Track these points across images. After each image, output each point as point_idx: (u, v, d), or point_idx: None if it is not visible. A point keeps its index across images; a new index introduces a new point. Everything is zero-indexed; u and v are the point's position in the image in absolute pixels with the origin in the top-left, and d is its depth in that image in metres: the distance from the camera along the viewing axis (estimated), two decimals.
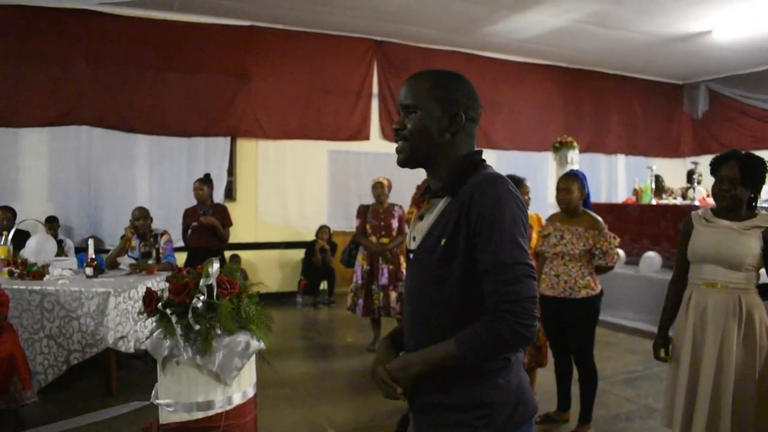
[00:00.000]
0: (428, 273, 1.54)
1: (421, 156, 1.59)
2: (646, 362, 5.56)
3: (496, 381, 1.49)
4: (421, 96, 1.56)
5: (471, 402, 1.49)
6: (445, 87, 1.56)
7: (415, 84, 1.59)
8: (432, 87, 1.56)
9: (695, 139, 12.88)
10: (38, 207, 7.53)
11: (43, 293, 4.49)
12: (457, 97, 1.55)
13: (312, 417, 4.37)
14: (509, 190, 1.45)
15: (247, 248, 8.73)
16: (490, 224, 1.41)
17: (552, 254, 3.89)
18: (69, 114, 7.80)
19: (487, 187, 1.45)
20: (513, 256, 1.39)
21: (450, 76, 1.59)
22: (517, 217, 1.43)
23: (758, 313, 2.79)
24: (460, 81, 1.59)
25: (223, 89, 8.62)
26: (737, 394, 2.74)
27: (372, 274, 5.99)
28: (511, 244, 1.40)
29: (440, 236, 1.50)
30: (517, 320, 1.36)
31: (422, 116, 1.55)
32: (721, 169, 2.81)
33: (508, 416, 1.49)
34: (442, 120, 1.54)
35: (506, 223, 1.41)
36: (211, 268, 2.09)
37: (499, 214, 1.41)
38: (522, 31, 9.20)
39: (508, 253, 1.39)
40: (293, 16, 8.51)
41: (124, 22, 8.02)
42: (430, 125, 1.55)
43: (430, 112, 1.55)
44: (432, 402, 1.54)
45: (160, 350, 2.06)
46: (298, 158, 9.20)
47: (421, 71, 1.62)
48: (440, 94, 1.55)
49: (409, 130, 1.57)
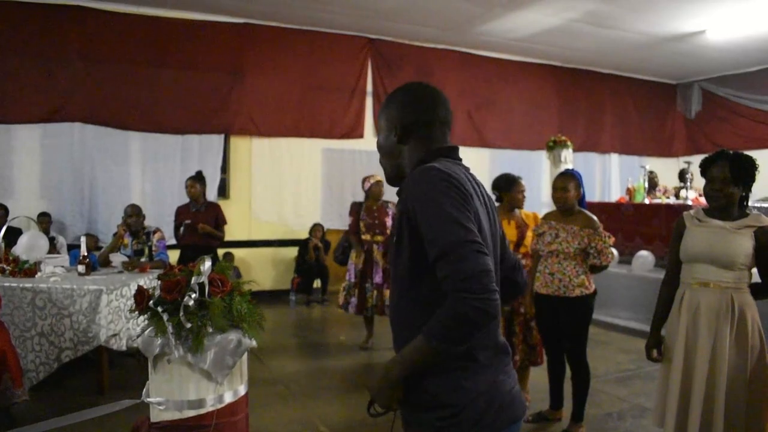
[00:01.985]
0: (393, 271, 1.62)
1: (390, 170, 1.75)
2: (639, 361, 5.58)
3: (459, 382, 1.48)
4: (379, 118, 1.74)
5: (433, 402, 1.50)
6: (390, 103, 1.71)
7: (380, 110, 1.77)
8: (383, 108, 1.73)
9: (688, 138, 12.93)
10: (30, 204, 7.49)
11: (35, 291, 4.47)
12: (397, 110, 1.68)
13: (305, 415, 4.37)
14: (435, 175, 1.47)
15: (241, 246, 8.72)
16: (425, 213, 1.43)
17: (547, 252, 3.90)
18: (61, 110, 7.76)
19: (415, 179, 1.50)
20: (455, 237, 1.38)
21: (396, 92, 1.72)
22: (451, 196, 1.44)
23: (750, 313, 2.80)
24: (402, 93, 1.71)
25: (217, 86, 8.59)
26: (730, 394, 2.74)
27: (366, 273, 5.98)
28: (449, 224, 1.40)
29: (392, 234, 1.61)
30: (474, 296, 1.33)
31: (380, 136, 1.75)
32: (712, 169, 2.82)
33: (477, 420, 1.47)
34: (390, 135, 1.69)
35: (440, 206, 1.42)
36: (202, 266, 2.08)
37: (430, 201, 1.44)
38: (516, 29, 9.21)
39: (449, 235, 1.39)
40: (287, 13, 8.49)
41: (117, 18, 7.98)
42: (386, 143, 1.72)
43: (383, 130, 1.73)
44: (410, 399, 1.55)
45: (152, 348, 2.05)
46: (292, 156, 9.18)
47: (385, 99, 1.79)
48: (387, 112, 1.71)
49: (379, 150, 1.76)
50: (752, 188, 2.85)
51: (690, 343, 2.88)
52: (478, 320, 1.35)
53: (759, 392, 2.78)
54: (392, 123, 1.68)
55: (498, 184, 4.37)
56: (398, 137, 1.67)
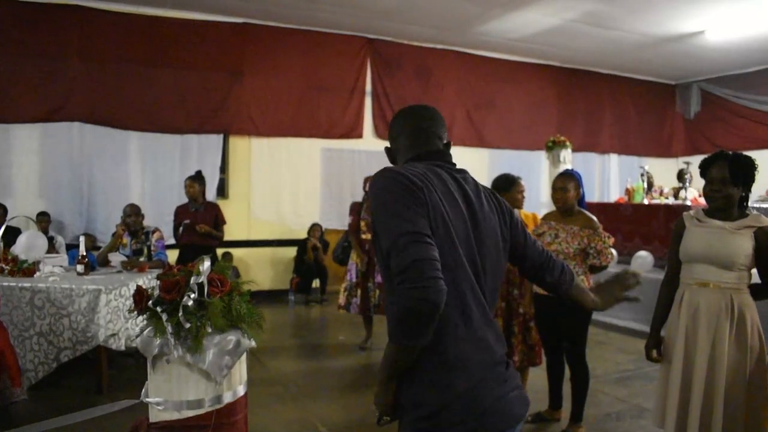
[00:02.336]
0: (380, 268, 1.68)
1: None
2: (638, 362, 5.58)
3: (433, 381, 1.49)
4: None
5: (411, 402, 1.52)
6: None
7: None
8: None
9: (687, 139, 12.93)
10: (29, 203, 7.49)
11: (34, 290, 4.46)
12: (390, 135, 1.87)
13: (304, 415, 4.36)
14: (383, 174, 1.56)
15: (240, 246, 8.72)
16: (375, 210, 1.52)
17: None
18: (61, 110, 7.75)
19: (371, 183, 1.59)
20: (394, 230, 1.42)
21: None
22: (391, 190, 1.49)
23: (750, 313, 2.80)
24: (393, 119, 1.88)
25: (216, 86, 8.59)
26: (729, 394, 2.74)
27: (368, 272, 5.92)
28: (388, 218, 1.45)
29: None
30: (411, 285, 1.34)
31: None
32: (711, 170, 2.82)
33: (454, 423, 1.47)
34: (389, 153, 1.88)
35: (381, 201, 1.49)
36: (202, 266, 2.08)
37: (375, 197, 1.53)
38: (515, 30, 9.21)
39: (389, 232, 1.43)
40: (287, 13, 8.49)
41: (116, 18, 7.98)
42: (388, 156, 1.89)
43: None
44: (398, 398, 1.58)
45: (151, 348, 2.04)
46: (292, 156, 9.18)
47: None
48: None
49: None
50: (752, 188, 2.85)
51: (689, 344, 2.88)
52: (422, 308, 1.34)
53: (758, 393, 2.78)
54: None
55: (497, 185, 4.36)
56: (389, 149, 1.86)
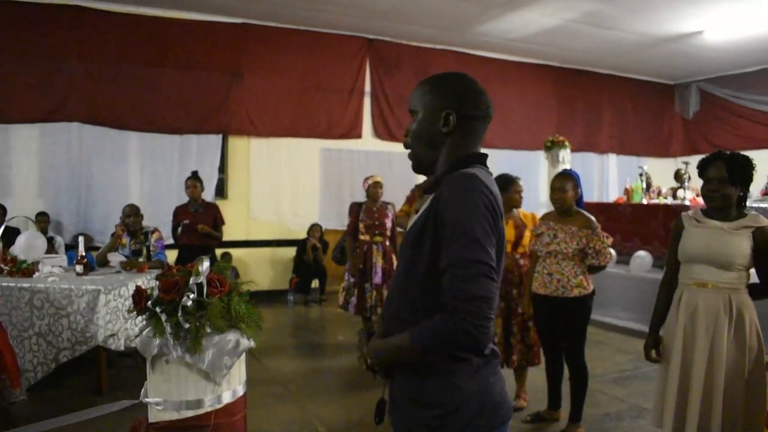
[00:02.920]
0: (404, 265, 1.58)
1: (425, 159, 1.64)
2: (637, 362, 5.59)
3: (453, 382, 1.48)
4: (420, 100, 1.61)
5: (431, 400, 1.50)
6: (440, 88, 1.59)
7: (416, 89, 1.65)
8: (429, 91, 1.61)
9: (686, 139, 12.95)
10: (28, 204, 7.49)
11: (33, 290, 4.46)
12: (450, 97, 1.57)
13: (303, 415, 4.37)
14: (475, 188, 1.44)
15: (239, 246, 8.72)
16: (452, 222, 1.40)
17: (545, 253, 3.89)
18: (60, 110, 7.75)
19: (454, 184, 1.45)
20: (472, 255, 1.37)
21: (447, 77, 1.62)
22: (482, 215, 1.41)
23: (748, 313, 2.80)
24: (456, 81, 1.61)
25: (215, 86, 8.59)
26: (727, 394, 2.75)
27: (365, 273, 5.94)
28: (470, 242, 1.38)
29: (417, 228, 1.53)
30: (468, 318, 1.34)
31: (420, 120, 1.61)
32: (709, 170, 2.83)
33: (470, 419, 1.48)
34: (436, 120, 1.57)
35: (467, 221, 1.40)
36: (201, 266, 2.08)
37: (460, 212, 1.41)
38: (514, 30, 9.22)
39: (467, 251, 1.38)
40: (286, 13, 8.49)
41: (115, 18, 7.98)
42: (426, 128, 1.60)
43: (426, 115, 1.59)
44: (404, 395, 1.56)
45: (150, 348, 2.05)
46: (291, 156, 9.18)
47: (430, 77, 1.65)
48: (434, 96, 1.59)
49: (411, 135, 1.64)
50: (750, 188, 2.86)
51: (688, 344, 2.89)
52: (463, 341, 1.38)
53: (757, 393, 2.78)
54: (440, 110, 1.57)
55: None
56: (450, 127, 1.57)
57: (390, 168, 9.56)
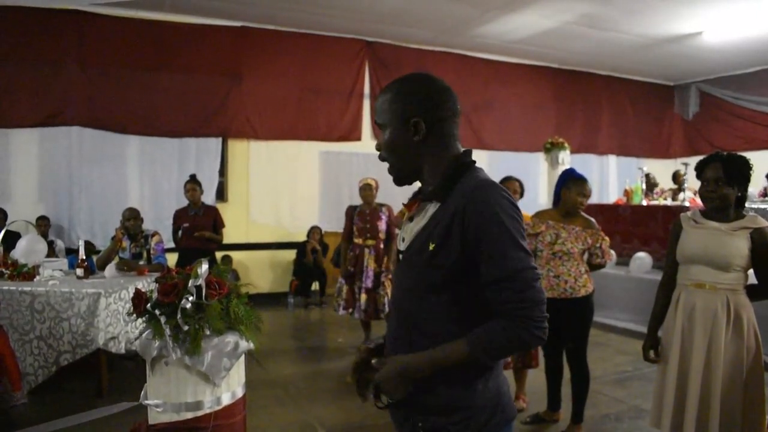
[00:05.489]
0: (415, 276, 1.53)
1: (405, 170, 1.59)
2: (636, 363, 5.59)
3: (477, 385, 1.49)
4: (385, 112, 1.56)
5: (452, 405, 1.48)
6: (403, 95, 1.54)
7: (379, 101, 1.59)
8: (391, 100, 1.55)
9: (686, 140, 12.95)
10: (29, 208, 7.51)
11: (34, 294, 4.47)
12: (413, 103, 1.52)
13: (303, 417, 4.37)
14: (504, 196, 1.43)
15: (239, 249, 8.72)
16: (492, 234, 1.39)
17: (549, 254, 3.89)
18: (59, 114, 7.76)
19: (482, 196, 1.42)
20: (521, 263, 1.40)
21: (408, 82, 1.57)
22: (516, 221, 1.43)
23: (746, 314, 2.81)
24: (416, 84, 1.55)
25: (214, 90, 8.60)
26: (725, 395, 2.75)
27: (355, 276, 5.84)
28: (516, 250, 1.40)
29: (428, 240, 1.47)
30: (536, 324, 1.38)
31: (390, 132, 1.56)
32: (706, 170, 2.84)
33: (486, 421, 1.49)
34: (407, 130, 1.53)
35: (508, 230, 1.40)
36: (200, 269, 2.09)
37: (499, 223, 1.39)
38: (513, 32, 9.23)
39: (516, 261, 1.39)
40: (285, 16, 8.51)
41: (115, 23, 7.99)
42: (397, 139, 1.55)
43: (395, 125, 1.54)
44: (416, 401, 1.52)
45: (150, 351, 2.06)
46: (290, 159, 9.19)
47: (387, 85, 1.60)
48: (398, 104, 1.54)
49: (384, 148, 1.59)
50: (748, 189, 2.87)
51: (686, 345, 2.90)
52: (532, 345, 1.43)
53: (755, 393, 2.79)
54: (406, 117, 1.51)
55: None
56: (421, 134, 1.52)
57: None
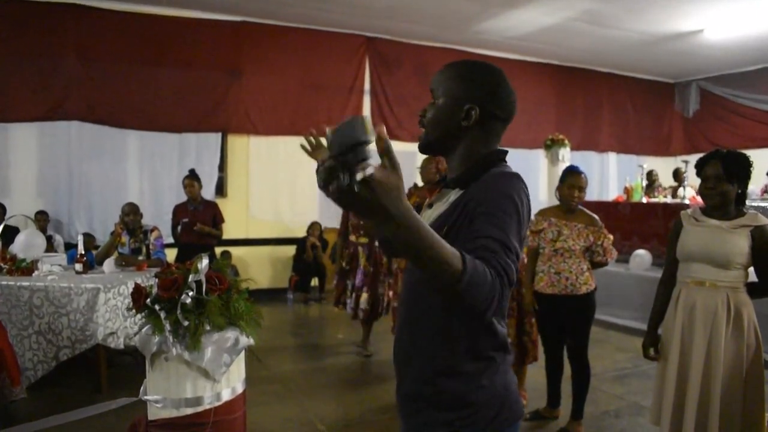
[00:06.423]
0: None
1: (436, 144, 1.57)
2: (636, 360, 5.59)
3: (480, 382, 1.46)
4: (444, 85, 1.53)
5: (455, 401, 1.46)
6: (468, 78, 1.52)
7: (443, 72, 1.56)
8: (456, 77, 1.53)
9: (686, 137, 12.94)
10: (27, 203, 7.49)
11: (33, 289, 4.46)
12: (477, 90, 1.50)
13: (302, 413, 4.37)
14: (522, 189, 1.40)
15: (238, 244, 8.71)
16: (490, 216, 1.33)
17: (550, 251, 3.88)
18: (58, 109, 7.74)
19: (501, 179, 1.41)
20: (511, 242, 1.31)
21: (479, 67, 1.54)
22: (521, 214, 1.37)
23: (746, 312, 2.81)
24: (486, 74, 1.53)
25: (214, 85, 8.58)
26: (725, 392, 2.75)
27: (347, 273, 5.78)
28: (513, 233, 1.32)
29: (443, 225, 1.43)
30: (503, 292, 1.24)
31: (440, 106, 1.53)
32: (706, 168, 2.84)
33: (492, 418, 1.47)
34: (457, 111, 1.50)
35: (508, 214, 1.34)
36: (200, 264, 2.08)
37: (502, 212, 1.34)
38: (514, 28, 9.21)
39: (508, 236, 1.31)
40: (285, 11, 8.49)
41: (114, 17, 7.97)
42: (445, 116, 1.52)
43: (447, 103, 1.52)
44: (416, 393, 1.51)
45: (149, 346, 2.05)
46: (290, 154, 9.14)
47: (458, 61, 1.58)
48: (461, 85, 1.51)
49: (428, 118, 1.56)
50: (748, 186, 2.86)
51: (685, 342, 2.90)
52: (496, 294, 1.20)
53: (754, 390, 2.79)
54: (463, 101, 1.49)
55: None
56: (470, 122, 1.49)
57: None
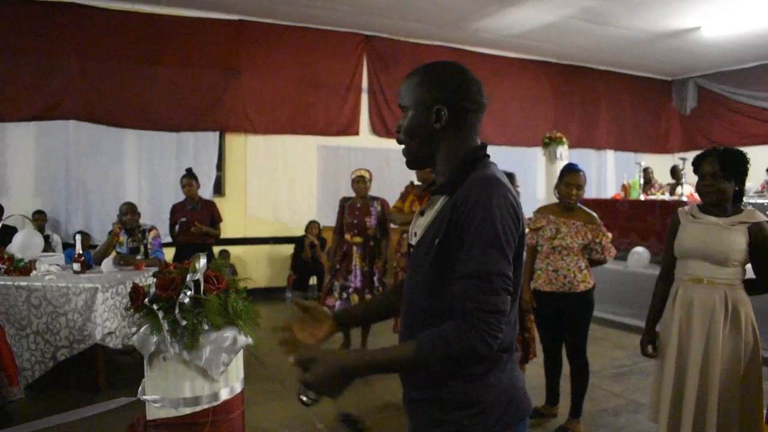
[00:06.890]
0: (425, 271, 1.49)
1: (419, 155, 1.57)
2: (634, 357, 5.59)
3: (488, 380, 1.46)
4: (410, 94, 1.54)
5: (462, 400, 1.46)
6: (429, 81, 1.52)
7: (405, 83, 1.56)
8: (417, 84, 1.53)
9: (684, 135, 12.95)
10: (25, 202, 7.48)
11: (30, 289, 4.46)
12: (440, 90, 1.50)
13: (301, 412, 4.36)
14: (504, 195, 1.39)
15: (237, 243, 8.71)
16: (479, 229, 1.35)
17: (548, 248, 3.88)
18: (56, 108, 7.73)
19: (480, 190, 1.39)
20: (497, 267, 1.34)
21: (436, 68, 1.54)
22: (507, 224, 1.37)
23: (744, 309, 2.81)
24: (446, 72, 1.53)
25: (212, 84, 8.57)
26: (723, 389, 2.76)
27: (339, 272, 5.66)
28: (496, 253, 1.34)
29: (435, 235, 1.45)
30: (488, 331, 1.31)
31: (412, 115, 1.53)
32: (703, 165, 2.84)
33: (500, 415, 1.47)
34: (428, 116, 1.50)
35: (496, 230, 1.34)
36: (198, 264, 2.08)
37: (490, 220, 1.35)
38: (512, 26, 9.21)
39: (493, 263, 1.33)
40: (282, 10, 8.47)
41: (112, 16, 7.95)
42: (418, 124, 1.52)
43: (418, 109, 1.52)
44: (425, 397, 1.51)
45: (147, 346, 2.05)
46: (288, 153, 9.17)
47: (416, 69, 1.57)
48: (423, 89, 1.51)
49: (403, 131, 1.56)
50: (745, 183, 2.86)
51: (683, 339, 2.90)
52: (483, 355, 1.33)
53: (752, 388, 2.79)
54: (431, 104, 1.49)
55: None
56: (443, 123, 1.49)
57: (387, 165, 9.54)
